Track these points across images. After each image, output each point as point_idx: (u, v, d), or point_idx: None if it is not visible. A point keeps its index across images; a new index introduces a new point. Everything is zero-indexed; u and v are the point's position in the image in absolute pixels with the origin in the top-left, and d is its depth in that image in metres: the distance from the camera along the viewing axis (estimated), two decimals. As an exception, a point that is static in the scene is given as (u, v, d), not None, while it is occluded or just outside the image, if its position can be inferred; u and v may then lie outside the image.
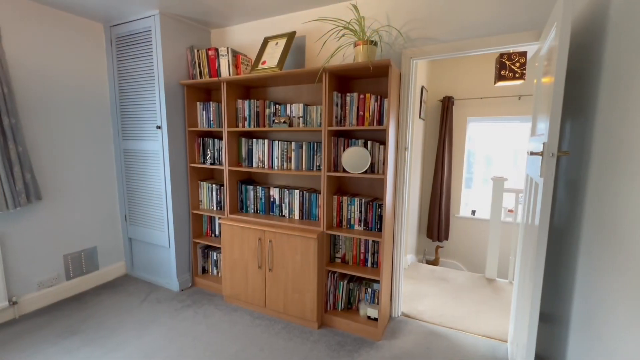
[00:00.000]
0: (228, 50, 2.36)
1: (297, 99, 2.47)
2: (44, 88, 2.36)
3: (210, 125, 2.62)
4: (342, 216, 2.23)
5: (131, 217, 2.87)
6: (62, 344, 1.99)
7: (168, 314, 2.36)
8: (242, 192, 2.59)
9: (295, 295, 2.21)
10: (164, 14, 2.38)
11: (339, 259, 2.28)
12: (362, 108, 2.06)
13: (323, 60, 2.34)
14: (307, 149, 2.28)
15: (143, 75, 2.53)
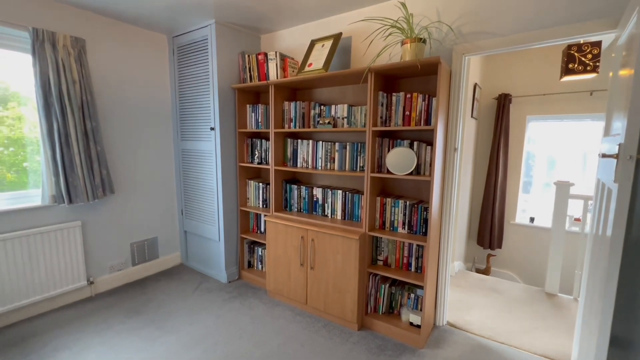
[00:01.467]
0: (276, 54, 2.46)
1: (342, 99, 2.48)
2: (118, 94, 2.67)
3: (258, 126, 2.74)
4: (385, 218, 2.19)
5: (187, 212, 3.11)
6: (128, 323, 2.24)
7: (216, 303, 2.51)
8: (287, 191, 2.67)
9: (335, 295, 2.22)
10: (219, 22, 2.55)
11: (381, 261, 2.24)
12: (408, 108, 2.01)
13: (369, 60, 2.32)
14: (351, 150, 2.28)
15: (200, 81, 2.73)
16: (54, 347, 1.97)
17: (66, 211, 2.43)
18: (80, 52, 2.32)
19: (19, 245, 2.18)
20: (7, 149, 2.29)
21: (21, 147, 2.35)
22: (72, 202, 2.32)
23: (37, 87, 2.14)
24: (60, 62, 2.20)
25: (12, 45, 2.19)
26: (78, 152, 2.31)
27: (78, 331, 2.13)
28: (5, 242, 2.12)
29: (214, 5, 2.27)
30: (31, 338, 2.05)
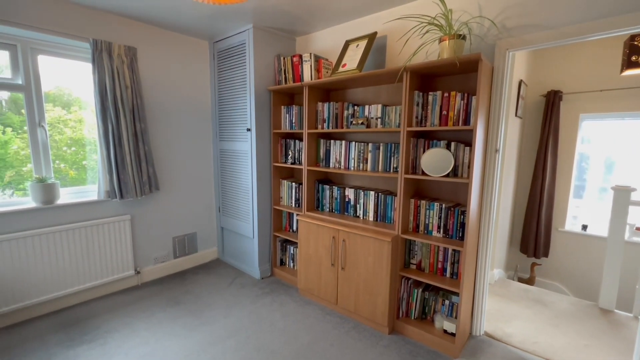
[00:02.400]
0: (311, 55, 2.49)
1: (376, 99, 2.45)
2: (163, 98, 2.86)
3: (292, 127, 2.80)
4: (419, 221, 2.13)
5: (223, 209, 3.26)
6: (169, 311, 2.39)
7: (250, 298, 2.60)
8: (319, 191, 2.69)
9: (366, 297, 2.20)
10: (256, 27, 2.64)
11: (414, 265, 2.19)
12: (445, 107, 1.94)
13: (404, 59, 2.28)
14: (384, 150, 2.25)
15: (237, 84, 2.85)
16: (106, 329, 2.16)
17: (118, 206, 2.65)
18: (132, 60, 2.52)
19: (79, 235, 2.42)
20: (69, 148, 2.55)
21: (81, 147, 2.60)
22: (123, 198, 2.53)
23: (95, 93, 2.36)
24: (115, 69, 2.41)
25: (75, 55, 2.43)
26: (129, 151, 2.52)
27: (126, 316, 2.31)
28: (67, 232, 2.36)
29: (252, 10, 2.35)
30: (88, 320, 2.26)
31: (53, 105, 2.43)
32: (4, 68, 2.19)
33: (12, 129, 2.28)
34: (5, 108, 2.27)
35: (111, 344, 2.00)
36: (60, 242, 2.34)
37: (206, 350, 1.96)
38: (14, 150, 2.29)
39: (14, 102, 2.27)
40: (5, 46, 2.15)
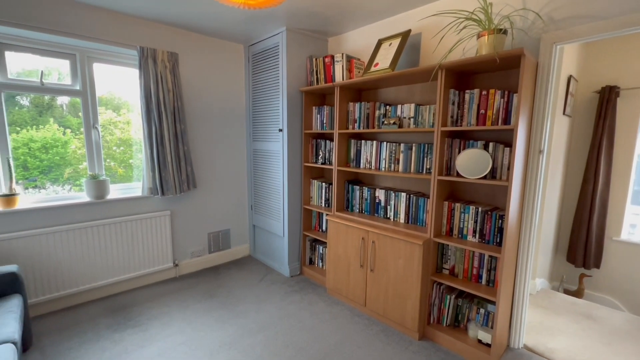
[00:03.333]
0: (343, 56, 2.49)
1: (409, 99, 2.39)
2: (201, 100, 3.01)
3: (323, 127, 2.81)
4: (453, 224, 2.05)
5: (255, 207, 3.36)
6: (204, 303, 2.51)
7: (279, 295, 2.66)
8: (349, 192, 2.68)
9: (395, 300, 2.16)
10: (289, 29, 2.69)
11: (447, 270, 2.10)
12: (483, 106, 1.84)
13: (439, 56, 2.20)
14: (417, 151, 2.19)
15: (270, 85, 2.92)
16: (147, 316, 2.31)
17: (159, 202, 2.83)
18: (174, 65, 2.68)
19: (125, 228, 2.62)
20: (118, 148, 2.77)
21: (128, 147, 2.81)
22: (164, 194, 2.70)
23: (141, 96, 2.54)
24: (159, 74, 2.57)
25: (124, 62, 2.64)
26: (170, 151, 2.68)
27: (165, 305, 2.46)
28: (115, 225, 2.56)
29: (286, 13, 2.40)
30: (131, 307, 2.44)
31: (105, 108, 2.65)
32: (65, 75, 2.43)
33: (70, 130, 2.52)
34: (66, 111, 2.52)
35: (152, 331, 2.14)
36: (109, 234, 2.55)
37: (237, 343, 2.03)
38: (72, 150, 2.54)
39: (73, 106, 2.52)
40: (66, 56, 2.39)
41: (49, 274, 2.30)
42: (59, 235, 2.31)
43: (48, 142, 2.44)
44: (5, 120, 2.20)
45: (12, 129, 2.27)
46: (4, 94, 2.18)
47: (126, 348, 1.97)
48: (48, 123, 2.44)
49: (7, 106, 2.21)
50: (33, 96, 2.36)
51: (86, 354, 1.90)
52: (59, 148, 2.49)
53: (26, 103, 2.37)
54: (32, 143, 2.38)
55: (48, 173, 2.46)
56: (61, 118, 2.50)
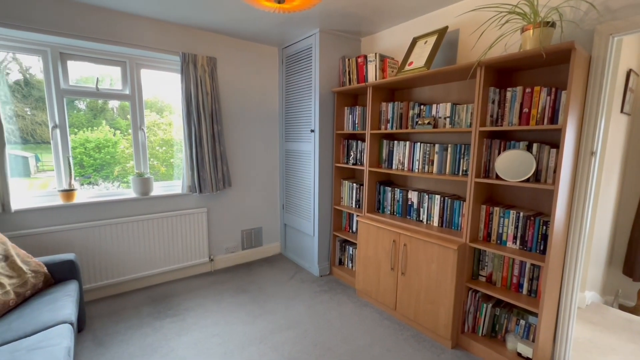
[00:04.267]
0: (376, 55, 2.46)
1: (445, 98, 2.31)
2: (236, 102, 3.12)
3: (355, 128, 2.80)
4: (491, 229, 1.94)
5: (287, 206, 3.42)
6: (236, 297, 2.60)
7: (308, 294, 2.68)
8: (380, 193, 2.64)
9: (427, 306, 2.09)
10: (322, 31, 2.71)
11: (484, 277, 2.00)
12: (527, 104, 1.73)
13: (479, 53, 2.10)
14: (453, 152, 2.11)
15: (303, 87, 2.96)
16: (185, 307, 2.45)
17: (197, 199, 2.98)
18: (213, 69, 2.81)
19: (166, 223, 2.79)
20: (161, 148, 2.96)
21: (170, 147, 2.99)
22: (201, 192, 2.84)
23: (182, 99, 2.69)
24: (199, 78, 2.71)
25: (168, 67, 2.81)
26: (207, 151, 2.81)
27: (201, 297, 2.59)
28: (158, 220, 2.74)
29: (319, 15, 2.42)
30: (171, 297, 2.60)
31: (150, 111, 2.84)
32: (116, 81, 2.64)
33: (120, 131, 2.74)
34: (116, 114, 2.74)
35: (188, 321, 2.26)
36: (152, 228, 2.72)
37: (267, 338, 2.08)
38: (121, 150, 2.75)
39: (122, 109, 2.73)
40: (118, 63, 2.59)
41: (100, 263, 2.51)
42: (109, 227, 2.52)
43: (101, 143, 2.67)
44: (67, 123, 2.44)
45: (71, 130, 2.51)
46: (66, 99, 2.42)
47: (166, 335, 2.09)
48: (101, 125, 2.66)
49: (67, 110, 2.45)
50: (89, 100, 2.59)
51: (131, 339, 2.05)
52: (110, 148, 2.71)
53: (83, 107, 2.61)
54: (88, 143, 2.61)
55: (100, 171, 2.69)
56: (112, 120, 2.72)
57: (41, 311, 1.64)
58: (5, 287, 1.66)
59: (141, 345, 1.99)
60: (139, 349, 1.95)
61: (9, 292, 1.67)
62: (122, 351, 1.93)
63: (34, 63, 2.33)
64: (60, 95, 2.38)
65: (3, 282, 1.67)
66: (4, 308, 1.63)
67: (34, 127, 2.41)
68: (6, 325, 1.54)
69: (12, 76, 2.31)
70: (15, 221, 2.21)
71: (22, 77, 2.34)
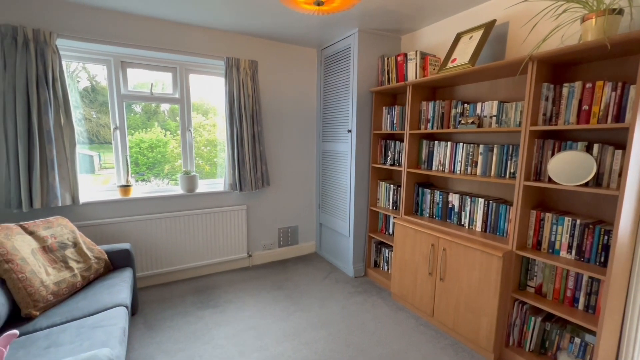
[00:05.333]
0: (416, 53, 2.39)
1: (491, 95, 2.18)
2: (276, 103, 3.21)
3: (393, 127, 2.75)
4: (542, 237, 1.80)
5: (322, 206, 3.45)
6: (272, 293, 2.68)
7: (342, 294, 2.68)
8: (419, 195, 2.56)
9: (467, 315, 1.99)
10: (362, 30, 2.69)
11: (532, 288, 1.86)
12: (587, 101, 1.58)
13: (530, 47, 1.95)
14: (499, 153, 1.98)
15: (341, 87, 2.97)
16: (225, 299, 2.57)
17: (237, 197, 3.12)
18: (254, 72, 2.92)
19: (209, 219, 2.95)
20: (206, 147, 3.14)
21: (214, 147, 3.16)
22: (242, 190, 2.96)
23: (225, 102, 2.83)
24: (241, 81, 2.83)
25: (213, 72, 2.97)
26: (248, 151, 2.93)
27: (240, 291, 2.70)
28: (202, 216, 2.91)
29: (358, 15, 2.41)
30: (212, 289, 2.75)
31: (196, 113, 3.03)
32: (167, 86, 2.85)
33: (170, 132, 2.95)
34: (167, 116, 2.96)
35: (228, 312, 2.37)
36: (197, 223, 2.90)
37: (301, 335, 2.12)
38: (170, 149, 2.97)
39: (172, 111, 2.94)
40: (169, 69, 2.80)
41: (151, 253, 2.73)
42: (159, 221, 2.73)
43: (153, 143, 2.90)
44: (125, 125, 2.68)
45: (128, 131, 2.76)
46: (125, 103, 2.67)
47: (207, 324, 2.22)
48: (153, 126, 2.89)
49: (126, 113, 2.69)
50: (144, 104, 2.83)
51: (176, 325, 2.20)
52: (161, 147, 2.93)
53: (139, 110, 2.86)
54: (142, 143, 2.85)
55: (152, 168, 2.93)
56: (163, 122, 2.94)
57: (102, 294, 1.83)
58: (74, 270, 1.88)
59: (185, 332, 2.13)
60: (184, 335, 2.09)
61: (77, 275, 1.88)
62: (169, 336, 2.08)
63: (99, 71, 2.60)
64: (120, 99, 2.63)
65: (72, 266, 1.89)
66: (73, 289, 1.84)
67: (98, 129, 2.69)
68: (74, 304, 1.74)
69: (82, 84, 2.59)
70: (82, 212, 2.48)
71: (89, 84, 2.62)
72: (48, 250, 1.85)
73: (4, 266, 1.60)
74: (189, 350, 1.96)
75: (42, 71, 2.14)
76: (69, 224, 2.09)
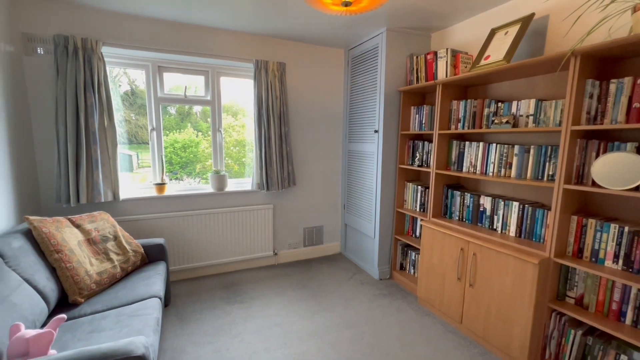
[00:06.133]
0: (447, 51, 2.32)
1: (528, 93, 2.07)
2: (303, 104, 3.24)
3: (421, 128, 2.68)
4: (584, 244, 1.68)
5: (348, 207, 3.43)
6: (297, 292, 2.71)
7: (367, 296, 2.66)
8: (448, 197, 2.48)
9: (499, 323, 1.89)
10: (390, 29, 2.66)
11: (572, 299, 1.74)
12: (638, 97, 1.45)
13: (573, 41, 1.83)
14: (536, 154, 1.87)
15: (368, 87, 2.94)
16: (250, 295, 2.64)
17: (264, 196, 3.19)
18: (282, 73, 2.98)
19: (237, 217, 3.04)
20: (235, 148, 3.24)
21: (242, 147, 3.25)
22: (268, 190, 3.02)
23: (254, 103, 2.90)
24: (269, 83, 2.90)
25: (242, 74, 3.06)
26: (275, 151, 2.98)
27: (265, 288, 2.76)
28: (230, 214, 3.01)
29: (387, 13, 2.38)
30: (239, 285, 2.83)
31: (226, 114, 3.13)
32: (200, 88, 2.97)
33: (201, 133, 3.07)
34: (199, 118, 3.08)
35: (254, 309, 2.43)
36: (225, 221, 3.00)
37: (325, 335, 2.12)
38: (202, 149, 3.09)
39: (204, 113, 3.06)
40: (202, 72, 2.92)
41: (183, 248, 2.86)
42: (191, 218, 2.85)
43: (186, 143, 3.04)
44: (162, 126, 2.83)
45: (164, 132, 2.91)
46: (161, 106, 2.81)
47: (234, 319, 2.29)
48: (186, 127, 3.03)
49: (162, 115, 2.84)
50: (178, 106, 2.97)
51: (205, 319, 2.29)
52: (193, 148, 3.06)
53: (173, 112, 3.00)
54: (176, 144, 3.00)
55: (185, 168, 3.06)
56: (195, 123, 3.07)
57: (138, 285, 1.95)
58: (114, 262, 2.01)
59: (213, 325, 2.21)
60: (212, 328, 2.17)
61: (117, 266, 2.02)
62: (198, 328, 2.17)
63: (138, 76, 2.76)
64: (157, 102, 2.78)
65: (112, 258, 2.02)
66: (113, 279, 1.98)
67: (136, 130, 2.86)
68: (114, 293, 1.86)
69: (123, 87, 2.77)
70: (121, 208, 2.65)
71: (129, 88, 2.80)
72: (92, 242, 2.00)
73: (54, 256, 1.75)
74: (217, 343, 2.03)
75: (89, 77, 2.31)
76: (110, 218, 2.24)
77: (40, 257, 1.74)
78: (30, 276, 1.60)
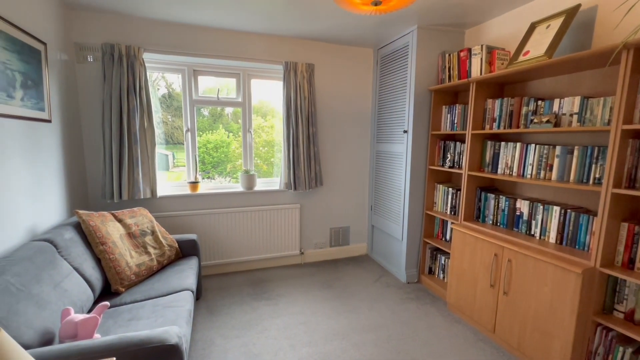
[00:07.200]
0: (482, 47, 2.23)
1: (572, 91, 1.93)
2: (331, 105, 3.25)
3: (453, 128, 2.59)
4: (635, 254, 1.53)
5: (375, 208, 3.39)
6: (322, 291, 2.72)
7: (393, 299, 2.61)
8: (481, 200, 2.38)
9: (535, 335, 1.78)
10: (421, 27, 2.59)
11: (621, 313, 1.60)
12: (703, 94, 1.31)
13: (625, 34, 1.68)
14: (581, 155, 1.75)
15: (397, 86, 2.89)
16: (278, 293, 2.69)
17: (292, 196, 3.23)
18: (311, 75, 3.00)
19: (265, 216, 3.11)
20: (264, 148, 3.31)
21: (271, 147, 3.32)
22: (296, 189, 3.06)
23: (283, 104, 2.95)
24: (298, 84, 2.93)
25: (272, 76, 3.12)
26: (302, 151, 3.02)
27: (291, 286, 2.80)
28: (259, 212, 3.08)
29: (417, 11, 2.33)
30: (266, 282, 2.89)
31: (256, 115, 3.21)
32: (231, 90, 3.08)
33: (232, 133, 3.18)
34: (230, 119, 3.19)
35: (280, 306, 2.48)
36: (254, 219, 3.08)
37: (349, 336, 2.11)
38: (232, 149, 3.20)
39: (235, 114, 3.16)
40: (234, 75, 3.02)
41: (213, 244, 2.97)
42: (221, 215, 2.96)
43: (218, 143, 3.16)
44: (196, 127, 2.97)
45: (198, 133, 3.04)
46: (195, 107, 2.95)
47: (261, 315, 2.34)
48: (218, 128, 3.15)
49: (196, 116, 2.98)
50: (211, 108, 3.10)
51: (234, 313, 2.37)
52: (224, 148, 3.18)
53: (206, 113, 3.13)
54: (208, 144, 3.12)
55: (216, 167, 3.18)
56: (227, 124, 3.18)
57: (172, 278, 2.05)
58: (151, 255, 2.14)
59: (241, 320, 2.28)
60: (239, 323, 2.24)
61: (154, 259, 2.14)
62: (227, 322, 2.25)
63: (174, 79, 2.91)
64: (192, 104, 2.91)
65: (150, 252, 2.15)
66: (150, 271, 2.10)
67: (172, 131, 3.02)
68: (150, 285, 1.98)
69: (161, 91, 2.94)
70: (158, 205, 2.81)
71: (167, 91, 2.96)
72: (132, 236, 2.13)
73: (99, 247, 1.89)
74: (244, 337, 2.09)
75: (132, 81, 2.47)
76: (148, 214, 2.38)
77: (87, 248, 1.89)
78: (79, 265, 1.74)
